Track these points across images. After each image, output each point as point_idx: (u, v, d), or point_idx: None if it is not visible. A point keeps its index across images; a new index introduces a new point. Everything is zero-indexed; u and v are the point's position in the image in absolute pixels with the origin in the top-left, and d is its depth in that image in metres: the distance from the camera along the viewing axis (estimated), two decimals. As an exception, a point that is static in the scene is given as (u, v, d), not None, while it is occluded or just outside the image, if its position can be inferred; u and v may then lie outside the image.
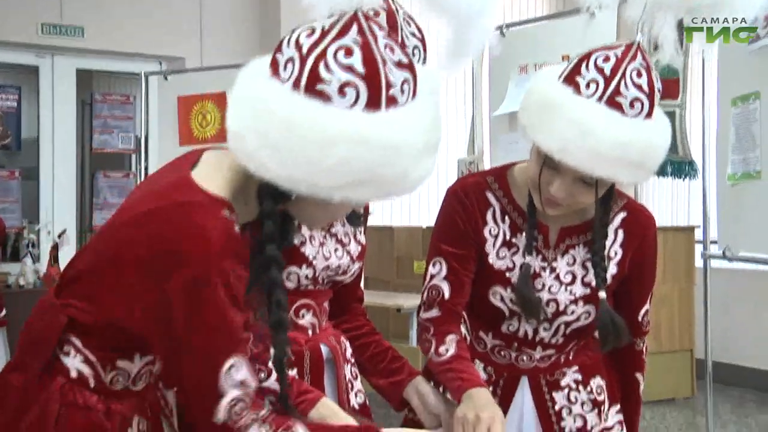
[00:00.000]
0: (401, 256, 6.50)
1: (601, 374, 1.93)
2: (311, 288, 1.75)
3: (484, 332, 1.89)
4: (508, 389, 1.88)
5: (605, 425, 1.91)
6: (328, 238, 1.77)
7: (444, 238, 1.84)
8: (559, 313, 1.83)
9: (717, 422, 4.87)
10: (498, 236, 1.83)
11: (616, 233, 1.85)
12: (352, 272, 1.83)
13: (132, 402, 1.39)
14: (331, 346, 1.80)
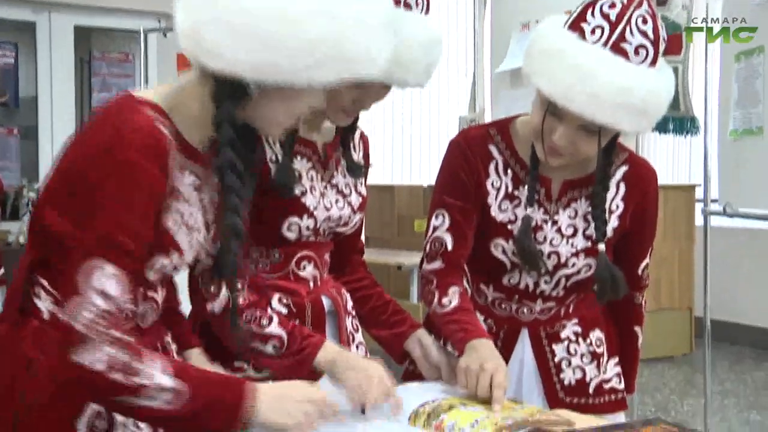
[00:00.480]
0: (402, 215, 6.50)
1: (601, 327, 1.94)
2: (312, 240, 1.75)
3: (485, 285, 1.90)
4: (509, 341, 1.89)
5: (604, 377, 1.93)
6: (328, 189, 1.76)
7: (446, 191, 1.85)
8: (560, 265, 1.84)
9: (715, 379, 4.91)
10: (500, 189, 1.83)
11: (617, 186, 1.86)
12: (353, 223, 1.83)
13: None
14: (333, 298, 1.80)
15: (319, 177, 1.76)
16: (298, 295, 1.74)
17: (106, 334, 1.21)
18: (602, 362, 1.93)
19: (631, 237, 1.89)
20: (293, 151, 1.71)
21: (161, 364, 1.25)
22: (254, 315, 1.63)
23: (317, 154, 1.77)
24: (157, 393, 1.23)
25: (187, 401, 1.24)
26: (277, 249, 1.72)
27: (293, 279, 1.74)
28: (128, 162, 1.23)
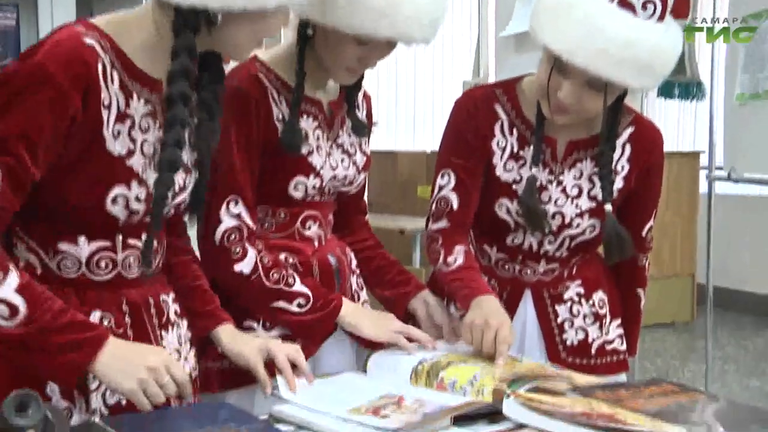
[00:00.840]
0: (405, 180, 6.48)
1: (603, 288, 1.96)
2: (317, 199, 1.75)
3: (489, 245, 1.91)
4: (512, 302, 1.90)
5: (606, 338, 1.94)
6: (334, 149, 1.76)
7: (452, 150, 1.86)
8: (564, 226, 1.84)
9: (716, 345, 4.92)
10: (505, 149, 1.84)
11: (623, 147, 1.86)
12: (357, 183, 1.83)
13: (93, 295, 1.36)
14: (338, 257, 1.81)
15: (325, 136, 1.76)
16: (304, 254, 1.74)
17: None
18: (605, 323, 1.94)
19: (636, 198, 1.90)
20: (299, 111, 1.70)
21: (15, 277, 1.23)
22: (281, 274, 1.65)
23: (323, 113, 1.76)
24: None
25: (22, 322, 1.22)
26: (283, 209, 1.72)
27: (298, 239, 1.74)
28: (39, 72, 1.22)
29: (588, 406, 1.39)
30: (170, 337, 1.48)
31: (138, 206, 1.35)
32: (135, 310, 1.41)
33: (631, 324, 2.01)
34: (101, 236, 1.35)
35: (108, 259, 1.37)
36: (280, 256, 1.71)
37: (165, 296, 1.48)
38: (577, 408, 1.36)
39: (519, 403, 1.38)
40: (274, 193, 1.70)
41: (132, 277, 1.41)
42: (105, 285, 1.38)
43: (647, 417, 1.36)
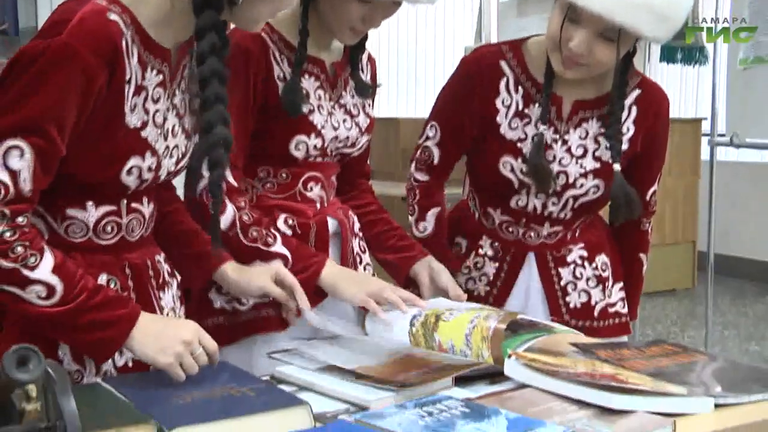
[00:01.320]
0: (406, 148, 6.44)
1: (606, 252, 1.96)
2: (319, 160, 1.74)
3: (493, 208, 1.91)
4: (515, 265, 1.91)
5: (609, 301, 1.95)
6: (336, 109, 1.75)
7: (445, 104, 1.90)
8: (568, 186, 1.84)
9: (716, 311, 4.93)
10: (510, 107, 1.84)
11: (629, 109, 1.86)
12: (360, 145, 1.81)
13: (98, 258, 1.37)
14: (339, 219, 1.79)
15: (327, 96, 1.74)
16: (304, 215, 1.73)
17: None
18: (607, 286, 1.95)
19: (641, 162, 1.89)
20: (301, 70, 1.68)
21: (50, 257, 1.24)
22: (260, 233, 1.63)
23: (325, 73, 1.74)
24: (33, 285, 1.23)
25: (58, 302, 1.24)
26: (285, 169, 1.71)
27: (300, 200, 1.73)
28: (67, 50, 1.21)
29: (590, 366, 1.39)
30: (167, 297, 1.48)
31: (149, 175, 1.36)
32: (136, 272, 1.42)
33: (633, 288, 2.01)
34: (108, 201, 1.36)
35: (113, 224, 1.37)
36: (279, 217, 1.71)
37: (159, 257, 1.48)
38: (579, 368, 1.36)
39: (521, 364, 1.38)
40: (276, 152, 1.69)
41: (133, 240, 1.41)
42: (109, 248, 1.38)
43: (648, 377, 1.36)
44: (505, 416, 1.17)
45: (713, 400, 1.31)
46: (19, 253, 1.23)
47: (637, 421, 1.20)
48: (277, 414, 1.20)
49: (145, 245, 1.45)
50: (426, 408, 1.21)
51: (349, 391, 1.33)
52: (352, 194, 1.91)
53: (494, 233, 1.92)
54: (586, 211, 1.90)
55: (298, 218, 1.72)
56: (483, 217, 1.93)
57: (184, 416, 1.17)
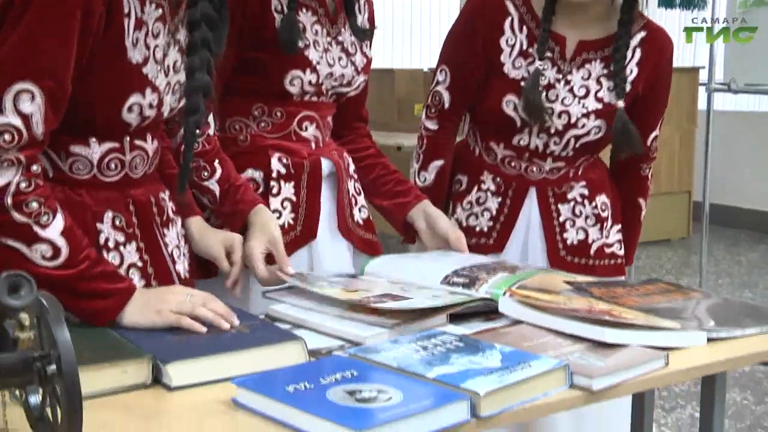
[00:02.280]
0: (402, 99, 6.42)
1: (606, 193, 1.97)
2: (315, 99, 1.72)
3: (495, 143, 1.92)
4: (517, 200, 1.92)
5: (606, 241, 1.95)
6: (333, 46, 1.73)
7: (454, 47, 1.91)
8: (570, 125, 1.85)
9: (710, 260, 4.96)
10: (514, 46, 1.85)
11: (634, 51, 1.86)
12: (356, 85, 1.80)
13: (103, 195, 1.36)
14: (334, 161, 1.78)
15: (325, 32, 1.72)
16: (298, 155, 1.72)
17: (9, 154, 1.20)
18: (605, 227, 1.96)
19: (643, 105, 1.90)
20: (299, 3, 1.66)
21: (61, 219, 1.24)
22: (198, 164, 1.60)
23: (324, 7, 1.72)
24: (39, 244, 1.22)
25: (61, 265, 1.24)
26: (279, 107, 1.69)
27: (295, 139, 1.72)
28: None
29: (584, 303, 1.39)
30: (171, 234, 1.47)
31: (150, 112, 1.34)
32: (140, 209, 1.41)
33: (631, 233, 2.02)
34: (111, 138, 1.35)
35: (117, 161, 1.36)
36: (273, 156, 1.70)
37: (163, 194, 1.48)
38: (574, 304, 1.36)
39: (515, 301, 1.38)
40: (270, 87, 1.67)
41: (137, 177, 1.40)
42: (114, 185, 1.37)
43: (642, 313, 1.36)
44: (499, 350, 1.18)
45: (706, 334, 1.31)
46: (34, 209, 1.22)
47: (630, 355, 1.21)
48: (272, 349, 1.20)
49: (149, 182, 1.44)
50: (421, 342, 1.21)
51: (344, 328, 1.33)
52: (349, 138, 1.89)
53: (496, 168, 1.93)
54: (588, 151, 1.91)
55: (292, 157, 1.71)
56: (485, 152, 1.94)
57: (179, 351, 1.17)
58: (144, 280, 1.39)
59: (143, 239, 1.40)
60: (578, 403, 1.13)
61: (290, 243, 1.68)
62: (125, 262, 1.38)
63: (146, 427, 1.04)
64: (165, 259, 1.44)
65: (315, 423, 0.97)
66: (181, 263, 1.48)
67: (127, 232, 1.38)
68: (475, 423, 1.03)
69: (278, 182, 1.69)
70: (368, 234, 1.84)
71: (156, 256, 1.42)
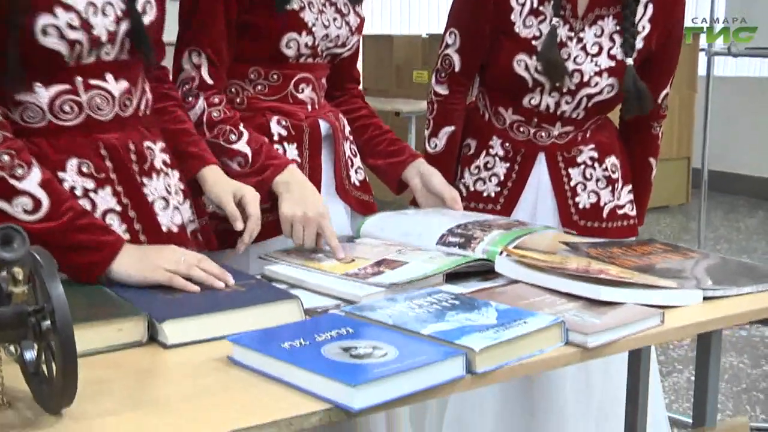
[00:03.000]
0: (400, 65, 6.38)
1: (616, 154, 1.97)
2: (310, 61, 1.71)
3: (504, 108, 1.92)
4: (526, 165, 1.92)
5: (618, 203, 1.96)
6: (327, 7, 1.71)
7: (460, 9, 1.91)
8: (582, 84, 1.85)
9: (709, 226, 4.96)
10: (525, 4, 1.85)
11: (645, 8, 1.86)
12: (350, 45, 1.79)
13: (65, 141, 1.33)
14: (331, 122, 1.77)
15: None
16: (297, 117, 1.71)
17: None
18: (617, 188, 1.96)
19: (654, 62, 1.90)
20: None
21: (38, 172, 1.22)
22: (222, 129, 1.60)
23: None
24: (19, 197, 1.21)
25: (44, 217, 1.22)
26: (275, 70, 1.68)
27: (292, 101, 1.71)
28: None
29: (581, 262, 1.39)
30: (156, 184, 1.44)
31: (77, 35, 1.29)
32: (115, 154, 1.38)
33: (642, 193, 2.02)
34: (58, 80, 1.31)
35: (72, 102, 1.33)
36: (272, 119, 1.69)
37: (151, 144, 1.44)
38: (570, 264, 1.36)
39: (511, 260, 1.38)
40: (267, 51, 1.66)
41: (105, 119, 1.37)
42: (77, 130, 1.34)
43: (638, 272, 1.36)
44: (495, 308, 1.18)
45: (702, 293, 1.32)
46: (6, 162, 1.21)
47: (625, 313, 1.21)
48: (267, 308, 1.20)
49: (128, 127, 1.40)
50: (416, 301, 1.21)
51: (340, 288, 1.33)
52: (342, 99, 1.89)
53: (504, 133, 1.93)
54: (600, 111, 1.91)
55: (291, 120, 1.70)
56: (494, 117, 1.94)
57: (174, 310, 1.17)
58: (125, 224, 1.37)
59: (121, 183, 1.37)
60: (573, 360, 1.13)
61: None
62: (99, 207, 1.35)
63: (142, 384, 1.04)
64: (148, 206, 1.41)
65: (310, 379, 0.97)
66: (166, 215, 1.44)
67: (98, 177, 1.35)
68: (470, 379, 1.03)
69: (281, 145, 1.68)
70: (365, 195, 1.84)
71: (137, 202, 1.39)
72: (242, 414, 0.93)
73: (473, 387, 1.05)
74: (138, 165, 1.41)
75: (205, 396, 0.98)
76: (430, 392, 1.00)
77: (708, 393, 1.48)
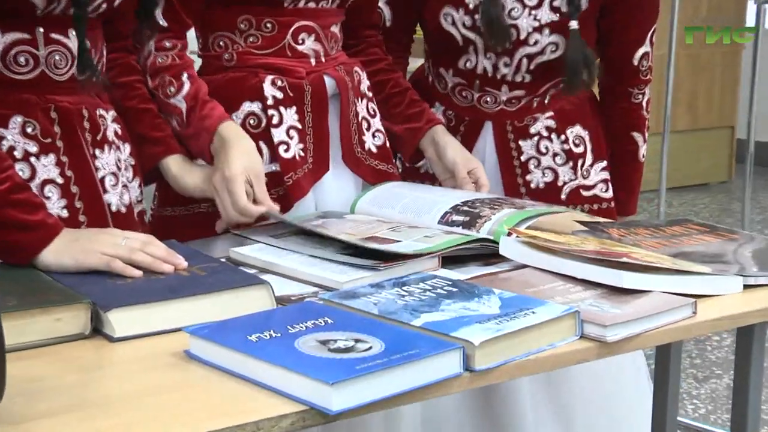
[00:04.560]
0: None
1: (583, 124, 1.93)
2: (312, 5, 1.69)
3: (444, 69, 1.92)
4: (470, 137, 1.91)
5: (583, 182, 1.93)
6: None
7: None
8: (519, 42, 1.83)
9: (755, 208, 4.98)
10: None
11: None
12: None
13: (14, 96, 1.36)
14: (338, 78, 1.74)
15: None
16: (296, 74, 1.69)
17: None
18: (582, 164, 1.93)
19: (619, 13, 1.86)
20: None
21: None
22: (164, 80, 1.59)
23: None
24: None
25: None
26: (269, 17, 1.67)
27: (291, 55, 1.69)
28: None
29: (601, 244, 1.40)
30: (107, 157, 1.47)
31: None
32: (66, 119, 1.41)
33: (628, 175, 2.00)
34: (18, 28, 1.35)
35: (28, 55, 1.37)
36: (266, 79, 1.67)
37: (103, 112, 1.48)
38: (587, 246, 1.37)
39: (518, 242, 1.40)
40: None
41: (61, 79, 1.40)
42: (28, 86, 1.37)
43: (668, 257, 1.38)
44: (498, 296, 1.19)
45: (742, 280, 1.33)
46: None
47: (651, 302, 1.22)
48: (231, 295, 1.21)
49: (81, 90, 1.43)
50: (406, 287, 1.22)
51: (318, 272, 1.34)
52: (358, 48, 1.88)
53: (447, 99, 1.93)
54: (549, 74, 1.87)
55: (289, 78, 1.68)
56: (436, 79, 1.94)
57: (122, 297, 1.18)
58: (65, 199, 1.39)
59: (67, 153, 1.40)
60: (589, 357, 1.15)
61: (304, 178, 1.68)
62: (38, 176, 1.37)
63: (85, 382, 1.05)
64: (94, 182, 1.44)
65: (281, 376, 0.98)
66: (115, 195, 1.47)
67: (43, 141, 1.38)
68: (468, 377, 1.05)
69: (277, 110, 1.67)
70: (383, 164, 1.81)
71: (82, 176, 1.42)
72: (201, 417, 0.94)
73: (472, 386, 1.06)
74: (90, 135, 1.44)
75: (158, 396, 0.99)
76: (421, 392, 1.01)
77: (749, 401, 1.49)
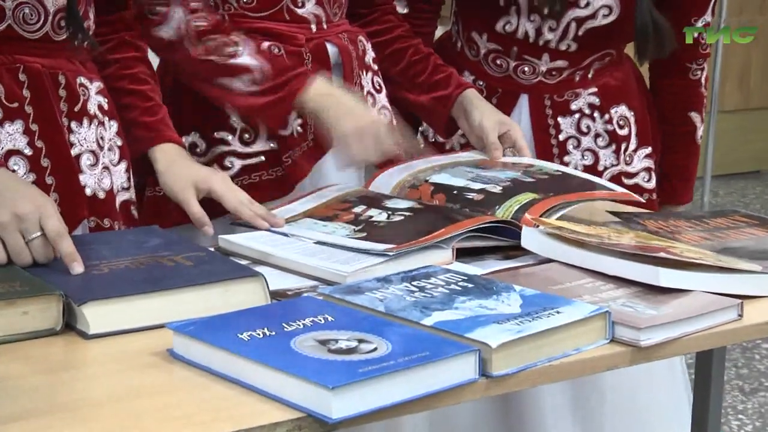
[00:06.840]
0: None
1: (629, 103, 1.94)
2: None
3: (478, 33, 1.92)
4: (503, 109, 1.89)
5: (626, 169, 1.94)
6: None
7: None
8: (570, 3, 1.83)
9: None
10: None
11: None
12: None
13: None
14: (341, 46, 1.77)
15: None
16: (295, 41, 1.71)
17: None
18: (625, 149, 1.94)
19: None
20: None
21: None
22: (217, 42, 1.62)
23: None
24: None
25: None
26: None
27: (289, 18, 1.71)
28: None
29: (634, 238, 1.41)
30: (85, 132, 1.47)
31: None
32: (37, 83, 1.41)
33: (684, 161, 2.03)
34: None
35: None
36: (262, 45, 1.68)
37: (86, 81, 1.48)
38: (620, 239, 1.38)
39: (543, 233, 1.41)
40: None
41: (32, 37, 1.40)
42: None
43: (711, 252, 1.39)
44: (519, 293, 1.20)
45: (795, 280, 1.34)
46: None
47: (691, 303, 1.23)
48: (220, 288, 1.22)
49: (59, 54, 1.44)
50: (416, 282, 1.24)
51: (319, 263, 1.35)
52: (371, 17, 1.89)
53: (478, 67, 1.93)
54: (598, 44, 1.88)
55: (287, 45, 1.70)
56: (466, 45, 1.94)
57: (99, 289, 1.19)
58: (33, 174, 1.39)
59: (37, 122, 1.40)
60: (621, 363, 1.16)
61: (303, 156, 1.70)
62: (2, 144, 1.38)
63: (56, 383, 1.06)
64: (69, 157, 1.44)
65: (274, 379, 0.99)
66: (92, 177, 1.47)
67: (8, 106, 1.39)
68: (484, 384, 1.06)
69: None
70: None
71: (55, 148, 1.42)
72: (185, 423, 0.95)
73: (488, 394, 1.07)
74: (67, 104, 1.44)
75: (137, 399, 1.00)
76: (431, 400, 1.02)
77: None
